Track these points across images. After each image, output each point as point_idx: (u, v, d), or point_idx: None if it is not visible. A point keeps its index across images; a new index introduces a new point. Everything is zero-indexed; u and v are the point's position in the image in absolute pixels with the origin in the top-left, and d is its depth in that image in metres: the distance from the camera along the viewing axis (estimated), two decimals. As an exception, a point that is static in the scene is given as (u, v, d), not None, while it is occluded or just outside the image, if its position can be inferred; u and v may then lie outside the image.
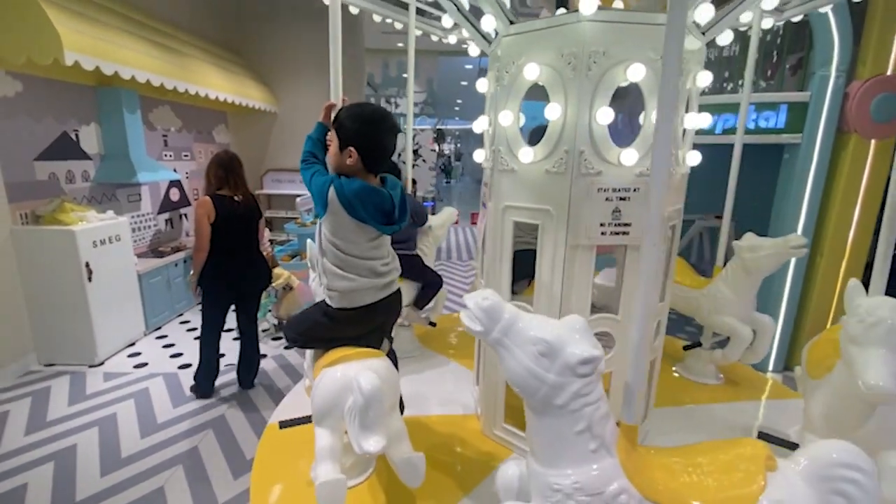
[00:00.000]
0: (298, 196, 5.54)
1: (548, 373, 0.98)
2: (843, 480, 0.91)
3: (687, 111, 1.61)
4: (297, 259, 5.06)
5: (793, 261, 3.65)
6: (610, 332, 1.57)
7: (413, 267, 2.60)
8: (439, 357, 2.77)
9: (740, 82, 3.97)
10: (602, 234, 1.45)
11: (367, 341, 1.59)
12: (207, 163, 3.13)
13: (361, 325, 1.59)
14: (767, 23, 2.41)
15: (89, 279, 3.68)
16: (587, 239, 1.45)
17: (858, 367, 1.23)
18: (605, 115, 1.35)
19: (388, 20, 2.86)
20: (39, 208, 3.70)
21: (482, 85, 1.92)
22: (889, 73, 3.35)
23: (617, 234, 1.45)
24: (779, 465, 0.98)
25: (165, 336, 4.45)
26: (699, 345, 2.65)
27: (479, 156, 2.08)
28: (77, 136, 4.14)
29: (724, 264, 2.54)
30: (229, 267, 3.12)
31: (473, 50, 2.28)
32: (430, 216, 2.88)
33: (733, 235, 2.70)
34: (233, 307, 3.31)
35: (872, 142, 3.47)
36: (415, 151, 11.97)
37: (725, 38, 1.96)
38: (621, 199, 1.42)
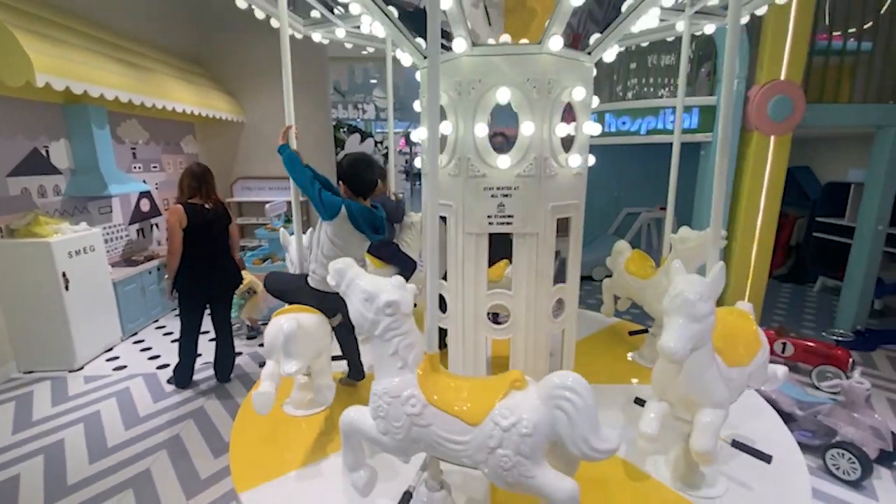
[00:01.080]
0: (268, 203, 5.79)
1: (368, 313, 1.43)
2: (564, 399, 1.26)
3: (571, 121, 2.00)
4: (269, 262, 5.30)
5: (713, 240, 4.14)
6: (506, 305, 1.97)
7: (388, 252, 3.01)
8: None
9: (666, 90, 4.45)
10: (490, 223, 1.85)
11: (322, 311, 2.12)
12: (181, 173, 3.40)
13: (324, 304, 2.11)
14: (710, 28, 2.69)
15: (66, 288, 3.87)
16: (479, 228, 1.84)
17: (662, 332, 1.51)
18: (481, 129, 1.76)
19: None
20: (14, 222, 3.87)
21: (417, 106, 2.28)
22: (782, 77, 3.87)
23: (502, 223, 1.85)
24: (527, 386, 1.38)
25: (142, 341, 4.65)
26: (645, 331, 2.93)
27: (419, 162, 2.45)
28: (47, 151, 4.31)
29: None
30: (201, 270, 3.40)
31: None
32: (413, 213, 3.27)
33: (676, 227, 3.01)
34: (207, 307, 3.58)
35: (772, 138, 3.99)
36: (385, 155, 12.26)
37: (610, 56, 2.35)
38: (504, 195, 1.81)
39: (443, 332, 2.70)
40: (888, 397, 3.56)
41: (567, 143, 1.94)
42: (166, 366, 4.02)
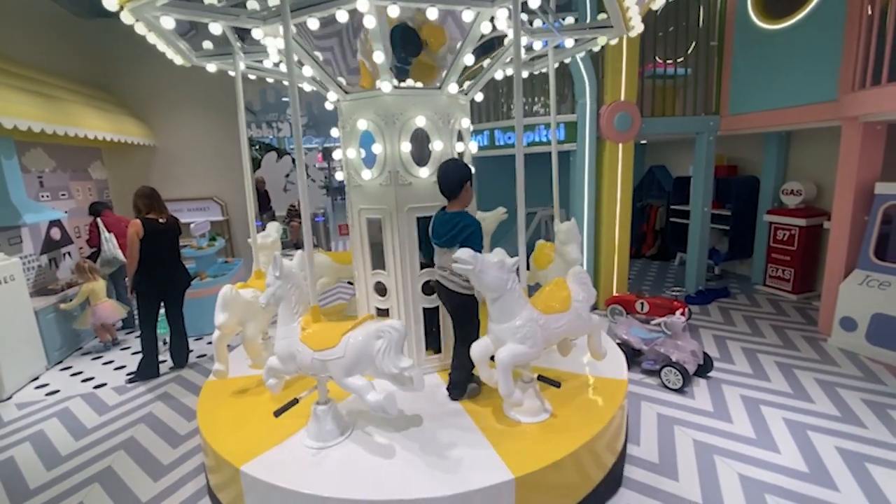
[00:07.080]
0: (191, 223, 5.94)
1: None
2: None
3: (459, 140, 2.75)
4: (197, 279, 5.46)
5: (585, 228, 5.15)
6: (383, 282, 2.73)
7: None
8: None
9: (541, 107, 5.46)
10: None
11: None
12: (133, 196, 4.02)
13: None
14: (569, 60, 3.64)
15: (-10, 318, 3.88)
16: (407, 221, 2.59)
17: None
18: (406, 146, 2.45)
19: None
20: (-77, 257, 3.81)
21: (335, 132, 2.90)
22: (622, 99, 5.00)
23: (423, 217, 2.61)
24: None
25: (70, 367, 4.65)
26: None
27: (340, 176, 3.07)
28: (-48, 184, 4.24)
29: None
30: (154, 272, 4.00)
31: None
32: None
33: (566, 219, 3.86)
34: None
35: (620, 145, 5.11)
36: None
37: (479, 97, 3.16)
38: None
39: None
40: (714, 334, 4.75)
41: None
42: (104, 385, 4.15)
